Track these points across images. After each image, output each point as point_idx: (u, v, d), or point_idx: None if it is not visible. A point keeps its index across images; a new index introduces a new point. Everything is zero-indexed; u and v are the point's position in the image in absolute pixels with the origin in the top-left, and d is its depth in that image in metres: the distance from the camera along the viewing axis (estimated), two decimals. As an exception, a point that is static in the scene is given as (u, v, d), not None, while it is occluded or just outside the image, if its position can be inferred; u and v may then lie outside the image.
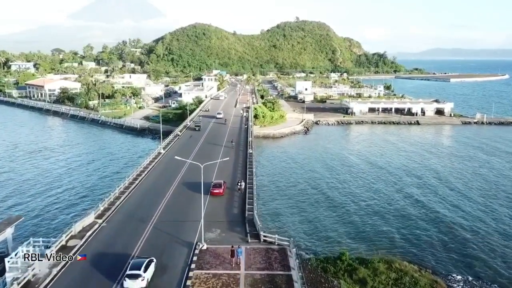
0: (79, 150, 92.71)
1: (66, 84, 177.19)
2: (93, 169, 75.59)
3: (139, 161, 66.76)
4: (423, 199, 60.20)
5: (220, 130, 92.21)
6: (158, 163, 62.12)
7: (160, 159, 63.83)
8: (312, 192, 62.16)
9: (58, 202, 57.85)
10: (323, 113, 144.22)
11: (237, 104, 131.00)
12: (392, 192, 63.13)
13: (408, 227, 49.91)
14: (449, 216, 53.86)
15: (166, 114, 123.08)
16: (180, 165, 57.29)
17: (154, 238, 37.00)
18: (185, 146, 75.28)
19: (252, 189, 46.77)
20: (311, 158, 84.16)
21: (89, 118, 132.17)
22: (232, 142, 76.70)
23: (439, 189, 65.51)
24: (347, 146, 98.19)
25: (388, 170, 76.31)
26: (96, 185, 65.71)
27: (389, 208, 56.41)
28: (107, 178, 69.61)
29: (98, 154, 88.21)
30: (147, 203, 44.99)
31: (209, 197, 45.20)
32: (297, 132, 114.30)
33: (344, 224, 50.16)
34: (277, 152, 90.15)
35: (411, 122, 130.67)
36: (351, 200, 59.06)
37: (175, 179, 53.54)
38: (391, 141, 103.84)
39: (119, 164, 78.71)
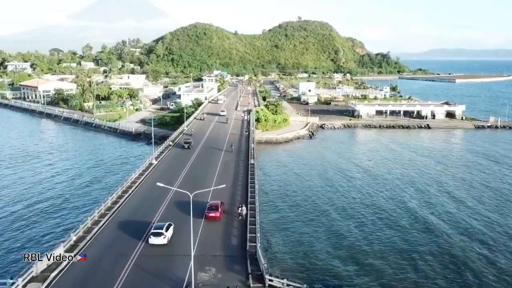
0: (66, 156, 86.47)
1: (61, 85, 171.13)
2: (76, 178, 69.32)
3: (129, 171, 60.48)
4: (448, 231, 51.07)
5: (219, 135, 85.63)
6: (147, 178, 55.15)
7: (150, 171, 56.90)
8: (326, 217, 52.40)
9: (25, 219, 50.21)
10: (328, 115, 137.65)
11: (238, 107, 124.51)
12: (410, 219, 54.50)
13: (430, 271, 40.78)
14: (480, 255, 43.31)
15: (163, 118, 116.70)
16: (173, 178, 50.94)
17: (135, 280, 30.44)
18: (180, 155, 68.39)
19: (255, 213, 39.68)
20: (319, 170, 75.88)
21: (82, 121, 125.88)
22: (232, 147, 72.49)
23: (464, 215, 54.77)
24: (356, 155, 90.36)
25: (401, 187, 68.71)
26: (76, 198, 58.97)
27: (406, 243, 48.38)
28: (91, 189, 63.04)
29: (87, 161, 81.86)
30: (130, 230, 38.18)
31: (203, 222, 38.54)
32: (301, 137, 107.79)
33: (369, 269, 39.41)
34: (281, 160, 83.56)
35: (421, 126, 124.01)
36: (369, 229, 50.64)
37: (164, 199, 46.33)
38: (401, 149, 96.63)
39: (106, 174, 72.23)
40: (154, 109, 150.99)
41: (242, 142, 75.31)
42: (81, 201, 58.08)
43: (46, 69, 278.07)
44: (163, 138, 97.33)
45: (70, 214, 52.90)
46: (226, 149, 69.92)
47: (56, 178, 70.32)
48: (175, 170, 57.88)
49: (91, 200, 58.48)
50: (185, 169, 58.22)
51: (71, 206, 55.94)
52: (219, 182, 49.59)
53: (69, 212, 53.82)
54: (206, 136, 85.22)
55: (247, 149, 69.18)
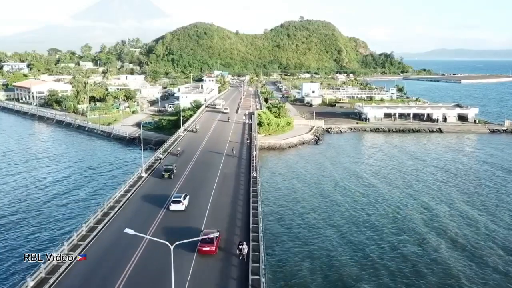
0: (51, 164, 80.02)
1: (55, 85, 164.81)
2: (58, 192, 62.77)
3: (114, 187, 53.94)
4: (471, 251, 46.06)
5: (218, 141, 78.88)
6: (132, 198, 45.49)
7: (138, 187, 48.98)
8: (344, 245, 45.14)
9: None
10: (334, 118, 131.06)
11: (239, 110, 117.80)
12: (423, 249, 48.79)
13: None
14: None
15: (159, 121, 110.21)
16: (163, 199, 44.35)
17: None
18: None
19: (259, 247, 32.19)
20: (328, 182, 68.87)
21: (75, 125, 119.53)
22: (233, 151, 67.25)
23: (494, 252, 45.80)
24: (366, 166, 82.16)
25: (417, 199, 62.41)
26: (53, 218, 52.19)
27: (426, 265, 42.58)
28: (72, 206, 56.43)
29: (72, 170, 75.38)
30: (102, 273, 30.60)
31: (195, 257, 31.72)
32: (306, 142, 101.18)
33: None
34: (285, 169, 76.90)
35: (432, 129, 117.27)
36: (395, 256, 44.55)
37: (150, 227, 38.34)
38: (414, 158, 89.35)
39: (92, 186, 65.60)
40: (152, 112, 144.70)
41: (242, 152, 68.36)
42: (56, 213, 52.45)
43: (44, 69, 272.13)
44: (158, 143, 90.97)
45: (34, 228, 47.21)
46: (224, 166, 58.70)
47: (34, 185, 64.72)
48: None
49: (66, 213, 52.60)
50: (174, 189, 48.99)
51: (35, 222, 50.46)
52: (214, 208, 42.87)
53: (33, 227, 48.11)
54: (200, 150, 78.47)
55: (249, 157, 62.45)
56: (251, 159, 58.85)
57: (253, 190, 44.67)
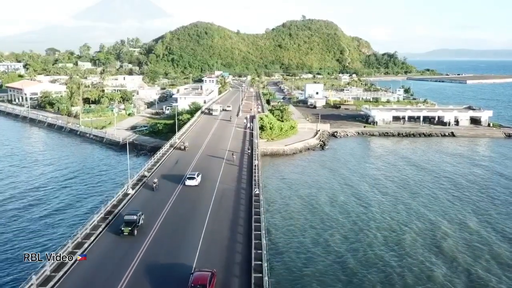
0: (32, 170, 73.72)
1: (49, 87, 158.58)
2: (27, 203, 56.62)
3: (95, 206, 47.65)
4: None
5: (216, 150, 72.43)
6: (114, 224, 38.22)
7: (124, 206, 42.23)
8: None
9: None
10: (339, 121, 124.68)
11: (239, 112, 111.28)
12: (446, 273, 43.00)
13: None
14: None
15: (155, 125, 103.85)
16: (150, 224, 38.05)
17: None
18: (164, 179, 52.05)
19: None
20: (338, 198, 60.84)
21: (67, 128, 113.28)
22: (233, 155, 62.64)
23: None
24: (376, 174, 75.77)
25: (432, 220, 56.12)
26: (25, 238, 45.99)
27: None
28: (48, 224, 50.10)
29: (54, 178, 69.09)
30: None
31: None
32: (311, 148, 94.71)
33: None
34: (290, 179, 70.41)
35: (444, 134, 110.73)
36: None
37: (134, 260, 32.11)
38: (429, 165, 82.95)
39: (69, 198, 59.27)
40: (149, 114, 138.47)
41: (243, 161, 61.75)
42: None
43: (40, 69, 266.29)
44: (154, 149, 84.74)
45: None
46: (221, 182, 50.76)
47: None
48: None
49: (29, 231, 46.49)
50: (164, 210, 41.94)
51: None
52: (212, 231, 36.58)
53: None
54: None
55: (250, 167, 55.94)
56: (253, 170, 52.47)
57: (255, 214, 38.17)
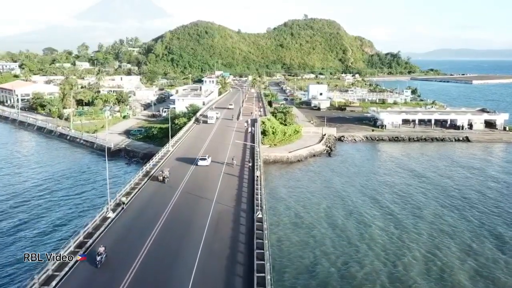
0: (7, 181, 67.01)
1: (41, 88, 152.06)
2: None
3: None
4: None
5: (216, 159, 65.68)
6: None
7: (100, 235, 34.56)
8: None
9: None
10: (346, 125, 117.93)
11: (240, 116, 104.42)
12: None
13: None
14: None
15: (150, 129, 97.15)
16: (126, 262, 31.24)
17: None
18: (153, 199, 44.30)
19: None
20: (353, 213, 54.91)
21: (56, 132, 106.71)
22: (233, 160, 58.16)
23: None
24: (389, 184, 69.72)
25: (457, 240, 49.56)
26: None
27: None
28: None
29: (30, 192, 62.29)
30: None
31: None
32: (317, 154, 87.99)
33: None
34: (295, 192, 63.67)
35: (458, 138, 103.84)
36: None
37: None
38: (445, 173, 76.67)
39: (40, 215, 52.83)
40: (145, 117, 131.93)
41: (244, 173, 54.84)
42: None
43: (37, 69, 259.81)
44: (147, 156, 78.12)
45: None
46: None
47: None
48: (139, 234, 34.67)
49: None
50: (152, 234, 35.30)
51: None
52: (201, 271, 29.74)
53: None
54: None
55: (252, 181, 49.16)
56: (254, 185, 45.73)
57: (258, 247, 31.40)
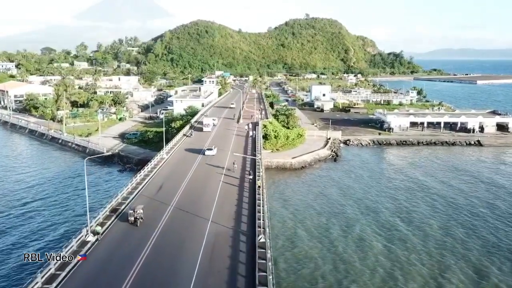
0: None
1: (35, 88, 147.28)
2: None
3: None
4: None
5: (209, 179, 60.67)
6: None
7: (74, 268, 29.14)
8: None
9: None
10: (351, 127, 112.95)
11: (240, 119, 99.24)
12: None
13: None
14: None
15: (145, 133, 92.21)
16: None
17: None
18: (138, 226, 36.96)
19: None
20: (365, 230, 50.27)
21: (48, 136, 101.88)
22: (234, 165, 55.03)
23: None
24: (399, 195, 65.51)
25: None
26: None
27: None
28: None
29: (10, 202, 57.48)
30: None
31: None
32: (322, 159, 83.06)
33: None
34: (301, 204, 58.65)
35: (469, 142, 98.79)
36: None
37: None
38: (460, 181, 72.08)
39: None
40: (142, 119, 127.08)
41: (244, 186, 49.64)
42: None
43: (34, 69, 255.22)
44: (141, 162, 73.32)
45: None
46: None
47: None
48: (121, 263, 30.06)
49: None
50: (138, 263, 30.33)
51: None
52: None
53: None
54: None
55: (253, 197, 44.15)
56: (255, 204, 40.62)
57: (260, 283, 26.46)
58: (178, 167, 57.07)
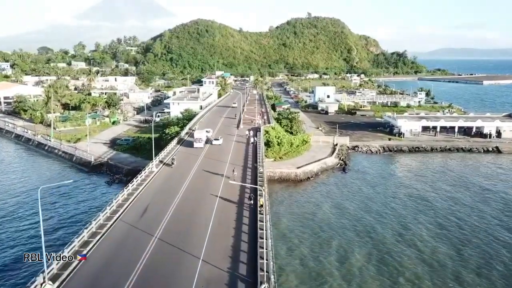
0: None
1: (26, 90, 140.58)
2: None
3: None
4: None
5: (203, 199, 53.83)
6: None
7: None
8: None
9: None
10: (358, 132, 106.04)
11: (240, 124, 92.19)
12: None
13: None
14: None
15: (137, 139, 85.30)
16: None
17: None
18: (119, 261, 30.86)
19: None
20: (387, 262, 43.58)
21: (35, 142, 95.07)
22: (234, 172, 51.42)
23: None
24: (422, 213, 59.30)
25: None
26: None
27: None
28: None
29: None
30: None
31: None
32: (329, 169, 76.12)
33: None
34: (309, 226, 51.78)
35: (487, 149, 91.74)
36: None
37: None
38: (481, 197, 65.22)
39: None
40: (137, 122, 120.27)
41: (242, 214, 42.06)
42: None
43: (29, 69, 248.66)
44: (131, 173, 66.48)
45: None
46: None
47: None
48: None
49: None
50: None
51: None
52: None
53: None
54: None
55: (254, 232, 36.56)
56: (257, 239, 33.52)
57: None
58: (167, 182, 50.11)
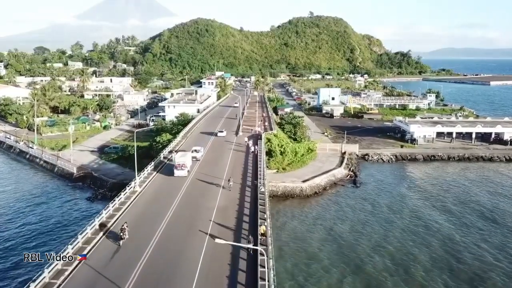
0: None
1: (11, 92, 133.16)
2: None
3: None
4: None
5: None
6: None
7: None
8: None
9: None
10: (368, 138, 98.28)
11: (239, 130, 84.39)
12: None
13: None
14: None
15: (126, 148, 77.62)
16: None
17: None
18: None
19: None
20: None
21: (16, 149, 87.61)
22: (230, 182, 47.28)
23: None
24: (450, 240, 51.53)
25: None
26: None
27: None
28: None
29: None
30: None
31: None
32: (338, 182, 68.37)
33: None
34: (317, 254, 44.25)
35: (509, 157, 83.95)
36: None
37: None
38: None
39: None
40: (130, 126, 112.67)
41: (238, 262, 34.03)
42: None
43: (24, 70, 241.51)
44: (116, 187, 58.92)
45: None
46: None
47: None
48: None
49: None
50: None
51: None
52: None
53: None
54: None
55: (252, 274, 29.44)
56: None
57: None
58: (151, 207, 42.31)
